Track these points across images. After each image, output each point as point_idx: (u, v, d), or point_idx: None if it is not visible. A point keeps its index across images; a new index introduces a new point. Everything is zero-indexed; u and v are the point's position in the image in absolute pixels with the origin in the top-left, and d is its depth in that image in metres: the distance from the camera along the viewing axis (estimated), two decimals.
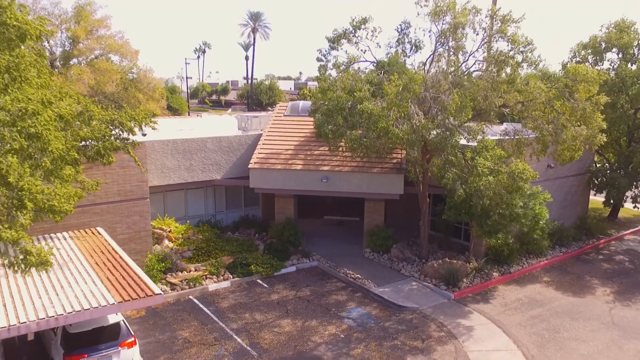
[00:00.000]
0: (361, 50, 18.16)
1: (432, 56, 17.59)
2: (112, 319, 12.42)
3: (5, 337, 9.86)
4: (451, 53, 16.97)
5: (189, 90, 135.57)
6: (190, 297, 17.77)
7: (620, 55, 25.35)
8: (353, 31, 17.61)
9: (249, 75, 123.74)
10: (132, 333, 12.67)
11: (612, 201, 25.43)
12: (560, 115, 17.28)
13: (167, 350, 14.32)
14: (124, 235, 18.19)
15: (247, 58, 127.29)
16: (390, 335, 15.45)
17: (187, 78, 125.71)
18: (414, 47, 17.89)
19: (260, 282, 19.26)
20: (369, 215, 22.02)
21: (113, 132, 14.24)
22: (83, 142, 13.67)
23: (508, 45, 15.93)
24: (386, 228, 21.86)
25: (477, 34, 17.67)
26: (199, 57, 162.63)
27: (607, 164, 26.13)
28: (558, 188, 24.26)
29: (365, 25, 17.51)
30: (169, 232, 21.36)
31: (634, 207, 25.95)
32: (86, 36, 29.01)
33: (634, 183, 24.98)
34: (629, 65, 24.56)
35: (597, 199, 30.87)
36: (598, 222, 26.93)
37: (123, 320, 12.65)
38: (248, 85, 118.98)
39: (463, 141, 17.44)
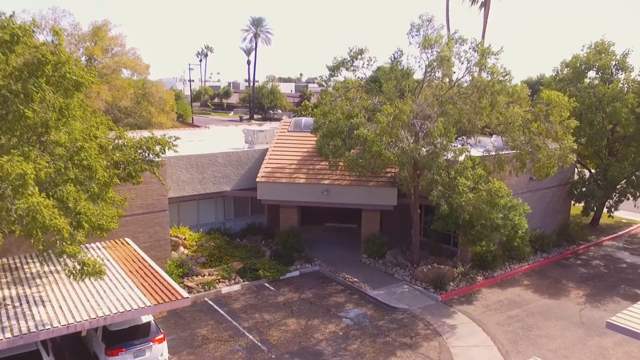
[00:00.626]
0: (358, 77, 20.31)
1: (422, 83, 19.70)
2: (145, 318, 14.55)
3: (65, 334, 11.98)
4: (438, 80, 19.10)
5: (192, 94, 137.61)
6: (206, 299, 19.91)
7: (599, 75, 27.43)
8: (351, 61, 19.77)
9: (251, 79, 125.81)
10: (161, 331, 14.81)
11: (589, 211, 27.49)
12: (536, 136, 19.39)
13: (189, 345, 16.47)
14: (145, 243, 20.30)
15: (248, 62, 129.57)
16: (383, 333, 17.58)
17: (190, 82, 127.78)
18: (405, 74, 20.00)
19: (268, 285, 21.39)
20: (365, 224, 24.17)
21: (141, 155, 16.34)
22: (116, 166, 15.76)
23: (488, 75, 18.00)
24: (381, 236, 24.00)
25: (462, 63, 19.79)
26: (201, 60, 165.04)
27: (585, 176, 28.18)
28: (540, 198, 26.40)
29: (362, 56, 19.65)
30: (184, 239, 23.49)
31: (609, 215, 28.06)
32: (103, 55, 31.17)
33: (610, 194, 27.04)
34: (606, 84, 26.62)
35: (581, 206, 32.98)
36: (579, 229, 29.11)
37: (153, 320, 14.79)
38: (250, 90, 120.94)
39: (450, 155, 19.58)
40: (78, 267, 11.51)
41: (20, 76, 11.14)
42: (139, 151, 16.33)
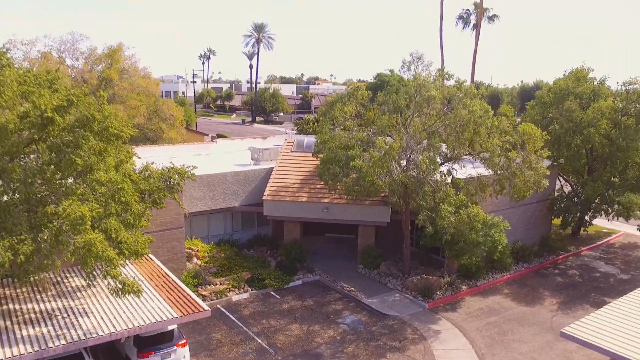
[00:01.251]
0: (353, 109, 22.77)
1: (412, 114, 22.11)
2: (170, 326, 16.99)
3: (108, 341, 14.44)
4: (426, 116, 21.54)
5: (195, 97, 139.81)
6: (218, 306, 22.37)
7: (577, 100, 29.76)
8: (347, 96, 22.18)
9: (253, 82, 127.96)
10: (184, 336, 17.27)
11: (566, 225, 29.93)
12: (514, 163, 21.80)
13: (206, 348, 18.93)
14: (164, 257, 22.75)
15: (251, 66, 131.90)
16: (375, 337, 20.03)
17: (194, 86, 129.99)
18: (397, 109, 22.40)
19: (273, 293, 23.85)
20: (362, 238, 26.61)
21: (164, 184, 18.76)
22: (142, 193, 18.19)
23: (469, 113, 20.38)
24: (376, 248, 26.44)
25: (447, 102, 22.21)
26: (203, 62, 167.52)
27: (564, 193, 30.57)
28: (522, 213, 28.83)
29: (356, 93, 22.08)
30: (197, 251, 25.95)
31: (584, 230, 30.49)
32: (119, 78, 33.58)
33: (585, 210, 29.43)
34: (584, 110, 28.96)
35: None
36: (560, 240, 31.52)
37: (177, 327, 17.23)
38: (252, 93, 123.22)
39: (439, 176, 21.98)
40: (120, 286, 13.94)
41: (72, 130, 13.57)
42: (162, 180, 18.76)
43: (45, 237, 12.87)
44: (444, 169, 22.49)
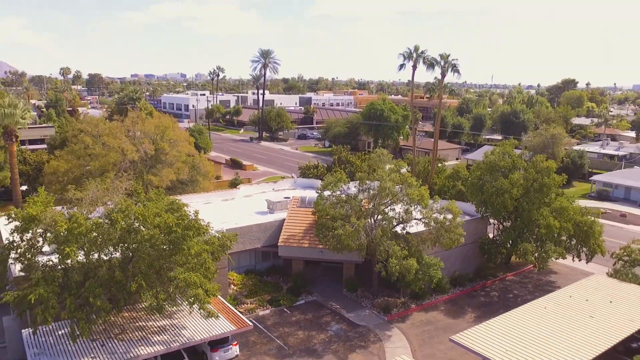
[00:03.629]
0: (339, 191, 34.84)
1: (375, 198, 34.08)
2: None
3: (185, 347, 26.54)
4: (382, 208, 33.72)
5: (207, 111, 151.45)
6: (251, 319, 34.42)
7: (501, 172, 41.56)
8: (335, 183, 34.27)
9: (260, 99, 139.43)
10: (235, 339, 29.34)
11: (490, 262, 41.94)
12: (441, 228, 33.78)
13: (246, 346, 30.96)
14: None
15: (257, 88, 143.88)
16: (350, 339, 32.08)
17: (208, 101, 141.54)
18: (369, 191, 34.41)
19: (286, 310, 35.90)
20: (345, 270, 38.71)
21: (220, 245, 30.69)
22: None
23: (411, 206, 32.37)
24: (355, 278, 38.50)
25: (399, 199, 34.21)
26: (213, 79, 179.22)
27: (489, 238, 42.53)
28: (460, 251, 40.78)
29: (337, 185, 34.22)
30: (233, 280, 38.04)
31: (505, 263, 42.41)
32: (170, 147, 45.47)
33: (503, 252, 41.38)
34: (506, 178, 40.81)
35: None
36: (494, 267, 43.43)
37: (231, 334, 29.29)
38: (259, 113, 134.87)
39: (399, 228, 33.97)
40: (205, 313, 26.00)
41: (183, 233, 25.57)
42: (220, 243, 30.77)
43: (171, 290, 24.99)
44: (398, 228, 34.55)
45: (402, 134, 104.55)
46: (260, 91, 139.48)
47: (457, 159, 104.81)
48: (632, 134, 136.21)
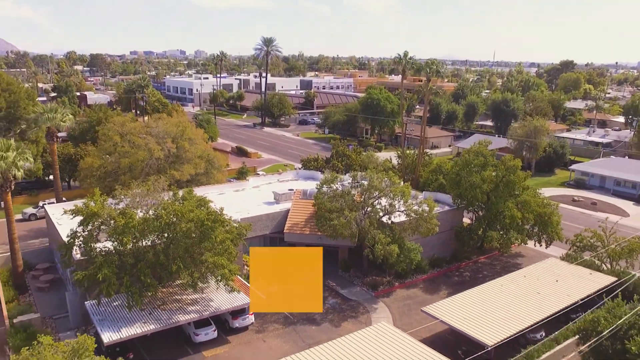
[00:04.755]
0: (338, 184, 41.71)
1: (365, 193, 40.90)
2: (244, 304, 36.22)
3: (212, 316, 33.75)
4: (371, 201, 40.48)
5: (211, 97, 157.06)
6: None
7: (475, 168, 48.32)
8: (332, 180, 41.04)
9: (263, 85, 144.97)
10: (250, 310, 36.58)
11: (465, 247, 49.06)
12: (420, 219, 40.74)
13: (259, 316, 38.14)
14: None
15: (260, 74, 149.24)
16: (344, 311, 39.32)
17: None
18: (361, 187, 41.23)
19: None
20: (340, 253, 45.85)
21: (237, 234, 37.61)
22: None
23: (395, 200, 39.18)
24: (349, 259, 45.64)
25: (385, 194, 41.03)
26: (216, 64, 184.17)
27: (464, 226, 49.55)
28: (438, 237, 47.85)
29: (334, 182, 40.94)
30: (247, 262, 45.14)
31: (478, 247, 49.60)
32: (189, 145, 52.06)
33: (476, 238, 48.45)
34: (479, 173, 47.58)
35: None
36: (469, 251, 50.53)
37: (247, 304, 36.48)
38: (261, 99, 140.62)
39: (385, 218, 41.00)
40: (229, 288, 33.12)
41: (212, 225, 32.47)
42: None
43: (203, 270, 32.08)
44: (385, 218, 41.51)
45: (397, 122, 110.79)
46: (263, 78, 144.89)
47: (449, 145, 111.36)
48: (622, 119, 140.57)
